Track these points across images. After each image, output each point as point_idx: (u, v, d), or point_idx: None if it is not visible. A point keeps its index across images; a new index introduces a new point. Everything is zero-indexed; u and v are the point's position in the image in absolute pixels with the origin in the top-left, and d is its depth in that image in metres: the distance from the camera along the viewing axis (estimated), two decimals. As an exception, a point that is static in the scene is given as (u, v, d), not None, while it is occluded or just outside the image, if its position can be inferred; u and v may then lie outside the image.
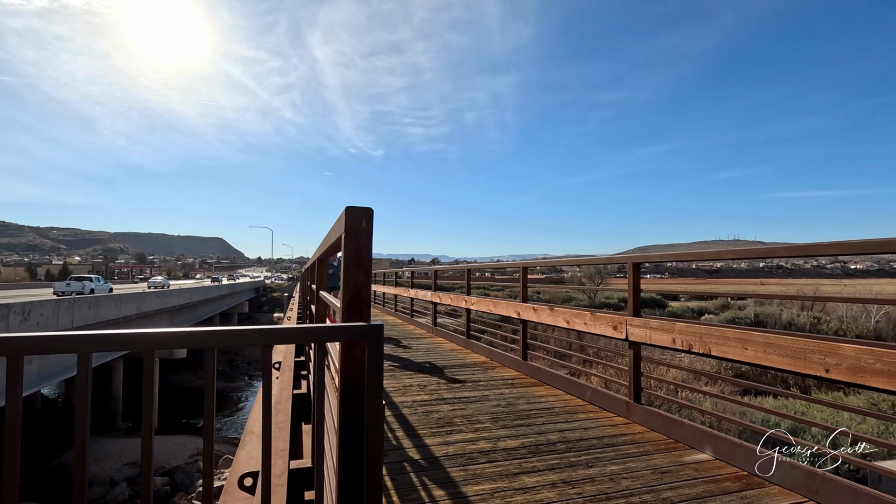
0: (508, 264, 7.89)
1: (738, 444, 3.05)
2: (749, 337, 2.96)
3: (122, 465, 15.80)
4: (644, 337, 3.85)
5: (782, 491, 2.67)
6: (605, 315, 4.42)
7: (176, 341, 1.01)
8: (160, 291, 27.42)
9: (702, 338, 3.32)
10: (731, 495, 2.64)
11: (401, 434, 3.68)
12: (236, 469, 3.31)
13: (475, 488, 2.74)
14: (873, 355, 2.30)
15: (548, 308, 5.37)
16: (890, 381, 2.24)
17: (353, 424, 1.31)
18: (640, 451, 3.30)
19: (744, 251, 3.08)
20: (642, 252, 3.79)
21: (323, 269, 3.02)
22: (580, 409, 4.33)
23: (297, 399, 4.77)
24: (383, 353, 1.19)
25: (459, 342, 8.20)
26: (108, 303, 18.37)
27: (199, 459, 16.38)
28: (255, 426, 4.29)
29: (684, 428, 3.46)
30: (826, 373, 2.49)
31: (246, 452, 3.73)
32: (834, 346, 2.49)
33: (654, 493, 2.67)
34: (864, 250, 2.41)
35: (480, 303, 7.42)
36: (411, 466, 3.06)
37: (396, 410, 4.30)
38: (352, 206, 1.29)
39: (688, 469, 3.00)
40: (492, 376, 5.73)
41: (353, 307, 1.32)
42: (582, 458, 3.18)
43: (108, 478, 14.98)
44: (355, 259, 1.34)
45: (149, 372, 1.11)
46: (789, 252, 2.83)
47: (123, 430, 20.15)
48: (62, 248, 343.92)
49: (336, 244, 1.60)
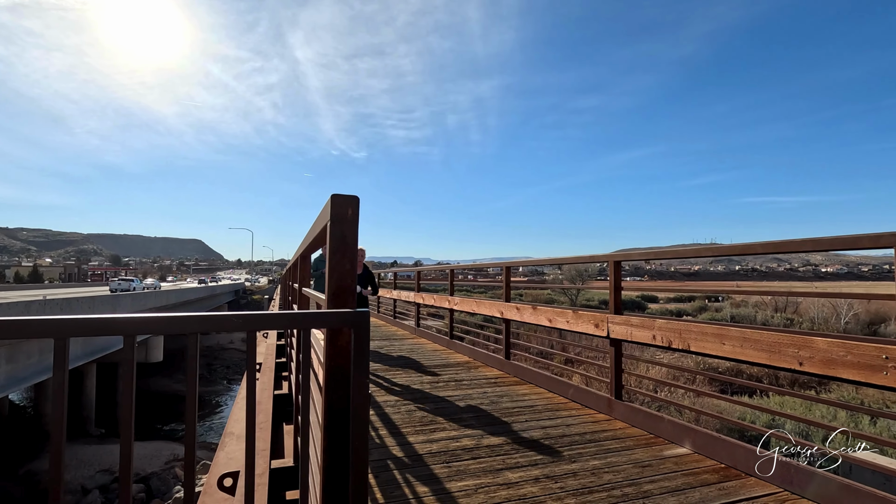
0: (491, 264, 7.92)
1: (716, 438, 3.11)
2: (726, 332, 3.02)
3: (95, 472, 15.34)
4: (625, 334, 3.90)
5: (758, 482, 2.74)
6: (587, 313, 4.47)
7: (157, 326, 0.98)
8: (135, 294, 26.77)
9: (681, 334, 3.38)
10: (709, 487, 2.69)
11: (384, 433, 3.66)
12: (215, 470, 3.25)
13: (459, 484, 2.73)
14: (844, 348, 2.38)
15: (530, 307, 5.41)
16: (860, 373, 2.31)
17: (339, 414, 1.30)
18: (621, 447, 3.34)
19: (722, 248, 3.16)
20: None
21: (306, 266, 2.99)
22: (563, 407, 4.37)
23: (279, 399, 4.71)
24: (370, 340, 1.19)
25: (443, 343, 8.20)
26: (80, 305, 17.87)
27: (175, 465, 16.00)
28: (234, 427, 4.22)
29: (664, 423, 3.52)
30: (800, 366, 2.56)
31: (225, 453, 3.66)
32: (807, 340, 2.56)
33: (634, 486, 2.71)
34: (835, 246, 2.49)
35: (464, 303, 7.43)
36: (395, 464, 3.04)
37: (380, 410, 4.28)
38: (337, 193, 1.28)
39: (668, 463, 3.05)
40: (475, 375, 5.74)
41: (339, 296, 1.31)
42: (564, 453, 3.21)
43: (80, 486, 14.52)
44: (341, 248, 1.33)
45: (129, 360, 1.08)
46: (765, 249, 2.91)
47: (96, 436, 19.58)
48: (32, 250, 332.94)
49: (321, 235, 1.59)
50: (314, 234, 1.84)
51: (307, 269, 3.09)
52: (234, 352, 35.72)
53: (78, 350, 17.60)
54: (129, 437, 1.04)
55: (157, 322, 0.99)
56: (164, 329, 1.00)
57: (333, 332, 1.24)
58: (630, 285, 4.27)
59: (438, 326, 10.78)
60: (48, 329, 0.93)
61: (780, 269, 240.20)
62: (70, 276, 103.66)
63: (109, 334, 0.96)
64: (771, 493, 2.61)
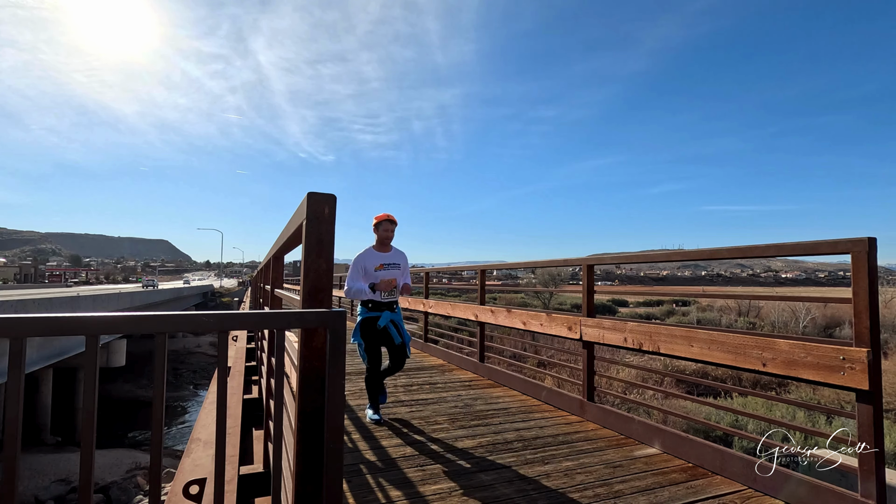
0: (466, 268, 7.94)
1: (684, 438, 3.19)
2: (694, 335, 3.11)
3: (51, 482, 14.65)
4: (597, 337, 3.97)
5: (724, 480, 2.82)
6: (560, 316, 4.53)
7: (123, 325, 0.94)
8: (97, 296, 25.71)
9: (651, 336, 3.46)
10: (677, 486, 2.76)
11: (357, 437, 3.61)
12: (181, 477, 3.14)
13: (433, 487, 2.72)
14: (805, 349, 2.48)
15: (505, 310, 5.45)
16: (819, 373, 2.41)
17: (313, 417, 1.27)
18: (593, 448, 3.39)
19: (690, 252, 3.25)
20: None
21: (279, 267, 2.93)
22: (536, 409, 4.40)
23: (248, 404, 4.59)
24: (345, 341, 1.17)
25: (417, 346, 8.16)
26: (35, 307, 17.03)
27: (137, 474, 15.41)
28: (202, 433, 4.09)
29: (634, 424, 3.59)
30: (763, 367, 2.66)
31: (191, 460, 3.55)
32: (770, 342, 2.66)
33: (606, 486, 2.75)
34: (797, 252, 2.60)
35: (438, 306, 7.42)
36: (368, 468, 3.00)
37: (352, 414, 4.22)
38: (314, 192, 1.26)
39: (638, 463, 3.11)
40: (449, 378, 5.74)
41: (314, 296, 1.29)
42: (538, 455, 3.23)
43: (34, 497, 13.83)
44: (317, 247, 1.30)
45: (91, 363, 1.03)
46: (731, 254, 3.01)
47: (52, 444, 18.69)
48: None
49: (297, 234, 1.56)
50: (289, 234, 1.81)
51: (280, 270, 3.02)
52: (202, 356, 34.72)
53: (34, 354, 16.76)
54: (90, 444, 0.99)
55: (123, 321, 0.94)
56: (132, 328, 0.95)
57: (308, 332, 1.21)
58: (602, 289, 4.35)
59: (413, 329, 10.73)
60: (3, 329, 0.88)
61: (744, 275, 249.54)
62: (26, 277, 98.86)
63: (71, 334, 0.92)
64: (736, 490, 2.69)
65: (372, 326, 3.96)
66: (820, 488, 2.41)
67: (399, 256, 4.10)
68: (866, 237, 2.28)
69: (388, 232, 4.00)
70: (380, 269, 3.93)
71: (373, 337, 3.97)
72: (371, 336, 3.97)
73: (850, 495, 2.29)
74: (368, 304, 3.95)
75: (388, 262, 3.99)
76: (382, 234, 4.00)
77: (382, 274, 3.92)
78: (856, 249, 2.32)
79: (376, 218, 4.04)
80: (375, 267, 3.93)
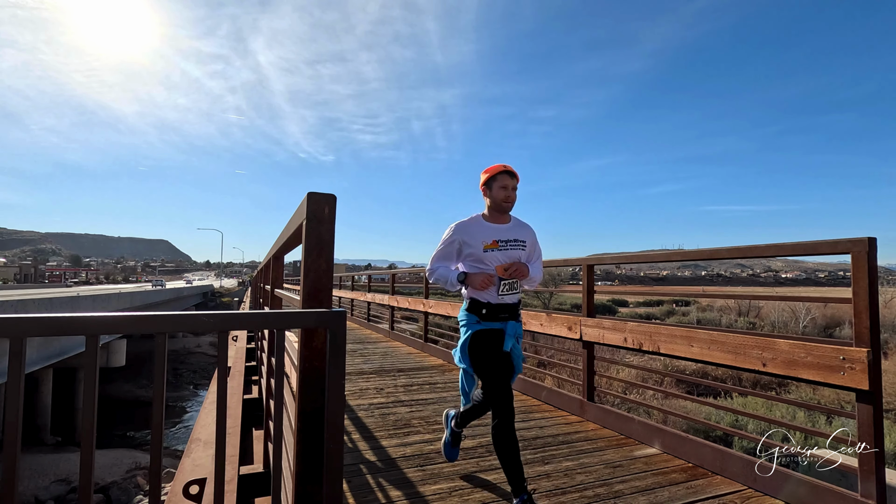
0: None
1: (684, 438, 3.19)
2: (694, 335, 3.11)
3: (51, 482, 14.65)
4: (597, 337, 3.97)
5: (724, 480, 2.82)
6: (560, 316, 4.53)
7: (123, 325, 0.94)
8: (97, 296, 25.71)
9: (651, 336, 3.46)
10: (677, 486, 2.76)
11: (357, 437, 3.61)
12: (181, 477, 3.14)
13: (433, 487, 2.72)
14: (805, 349, 2.48)
15: (505, 310, 5.44)
16: (819, 373, 2.41)
17: (313, 417, 1.27)
18: (593, 448, 3.39)
19: (690, 252, 3.25)
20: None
21: (279, 267, 2.93)
22: (536, 409, 4.40)
23: (248, 404, 4.59)
24: (346, 341, 1.17)
25: (417, 346, 8.16)
26: (35, 307, 17.04)
27: (137, 474, 15.41)
28: (202, 433, 4.09)
29: (634, 424, 3.59)
30: (763, 367, 2.66)
31: (191, 460, 3.55)
32: (770, 342, 2.66)
33: (606, 486, 2.75)
34: (797, 252, 2.60)
35: (439, 306, 7.43)
36: (368, 468, 3.00)
37: (353, 413, 4.22)
38: (314, 192, 1.25)
39: (638, 463, 3.11)
40: (449, 378, 5.74)
41: (314, 296, 1.29)
42: (538, 455, 3.23)
43: (34, 497, 13.84)
44: (317, 247, 1.30)
45: (91, 363, 1.03)
46: (731, 254, 3.01)
47: (52, 444, 18.70)
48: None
49: (297, 234, 1.56)
50: (289, 234, 1.81)
51: (280, 270, 3.02)
52: (202, 356, 34.72)
53: (34, 354, 16.76)
54: (90, 444, 0.99)
55: (123, 321, 0.94)
56: (132, 328, 0.95)
57: (308, 332, 1.21)
58: (602, 289, 4.35)
59: (413, 330, 10.75)
60: (4, 328, 0.88)
61: (744, 275, 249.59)
62: (26, 277, 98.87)
63: (71, 334, 0.92)
64: (736, 490, 2.69)
65: (491, 344, 2.53)
66: (820, 488, 2.41)
67: (524, 230, 2.64)
68: (866, 237, 2.28)
69: (507, 191, 2.54)
70: (491, 249, 2.51)
71: (490, 358, 2.51)
72: (487, 358, 2.52)
73: (850, 495, 2.29)
74: (482, 308, 2.53)
75: (507, 239, 2.55)
76: (499, 194, 2.55)
77: (496, 257, 2.51)
78: (856, 249, 2.32)
79: (487, 171, 2.60)
80: (485, 244, 2.51)
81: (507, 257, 2.53)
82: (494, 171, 2.57)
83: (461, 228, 2.57)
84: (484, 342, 2.53)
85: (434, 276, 2.64)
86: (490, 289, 2.51)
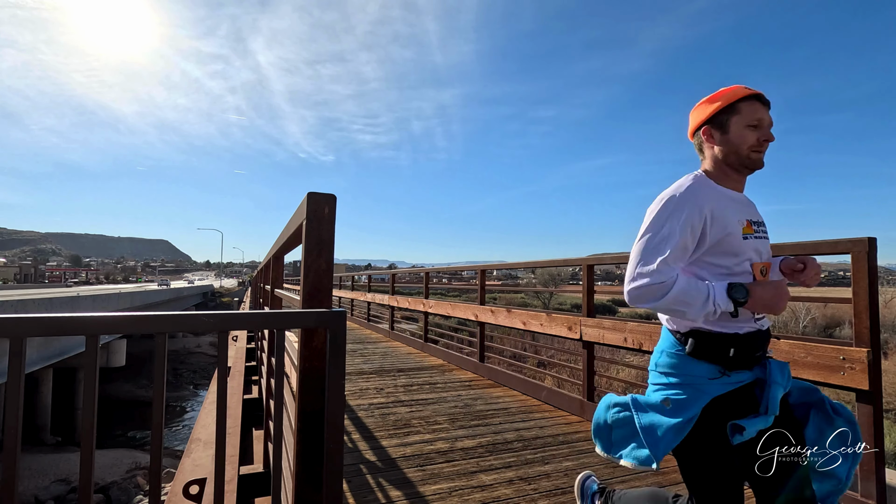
0: (466, 268, 7.95)
1: (684, 438, 3.19)
2: (694, 335, 3.11)
3: (51, 482, 14.66)
4: (597, 337, 3.97)
5: (724, 480, 2.82)
6: (560, 316, 4.53)
7: (123, 325, 0.94)
8: (97, 296, 25.73)
9: (651, 336, 3.46)
10: (677, 486, 2.75)
11: (357, 437, 3.61)
12: (181, 477, 3.14)
13: (433, 488, 2.72)
14: (805, 349, 2.48)
15: (505, 310, 5.45)
16: (819, 373, 2.41)
17: (313, 417, 1.27)
18: (593, 448, 3.38)
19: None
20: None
21: (279, 267, 2.93)
22: (536, 409, 4.40)
23: (248, 404, 4.59)
24: (346, 341, 1.17)
25: (417, 346, 8.16)
26: (35, 307, 17.04)
27: (137, 474, 15.42)
28: (202, 433, 4.09)
29: (634, 424, 3.58)
30: (763, 367, 2.65)
31: (191, 460, 3.55)
32: (770, 342, 2.65)
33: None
34: (797, 252, 2.59)
35: (438, 306, 7.43)
36: (368, 468, 3.00)
37: (353, 413, 4.22)
38: (314, 191, 1.26)
39: (638, 463, 3.11)
40: (449, 378, 5.74)
41: (314, 296, 1.29)
42: (538, 455, 3.23)
43: (34, 497, 13.84)
44: (317, 247, 1.30)
45: (91, 363, 1.03)
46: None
47: (52, 444, 18.70)
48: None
49: (297, 234, 1.56)
50: (289, 234, 1.81)
51: (280, 270, 3.02)
52: (202, 356, 34.74)
53: (34, 354, 16.77)
54: (90, 444, 0.99)
55: (123, 321, 0.94)
56: (132, 328, 0.95)
57: (308, 332, 1.21)
58: (602, 289, 4.35)
59: (413, 329, 10.75)
60: (4, 328, 0.88)
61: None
62: (26, 277, 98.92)
63: (71, 334, 0.92)
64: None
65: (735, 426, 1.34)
66: (820, 488, 2.40)
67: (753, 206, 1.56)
68: (866, 237, 2.28)
69: (763, 130, 1.42)
70: (750, 235, 1.43)
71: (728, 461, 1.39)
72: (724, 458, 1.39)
73: (850, 495, 2.29)
74: (728, 346, 1.40)
75: (759, 220, 1.51)
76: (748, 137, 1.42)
77: (755, 248, 1.46)
78: (856, 249, 2.32)
79: (716, 98, 1.46)
80: (744, 227, 1.43)
81: (764, 249, 1.49)
82: (734, 96, 1.43)
83: (699, 194, 1.40)
84: (723, 421, 1.36)
85: (669, 295, 1.33)
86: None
